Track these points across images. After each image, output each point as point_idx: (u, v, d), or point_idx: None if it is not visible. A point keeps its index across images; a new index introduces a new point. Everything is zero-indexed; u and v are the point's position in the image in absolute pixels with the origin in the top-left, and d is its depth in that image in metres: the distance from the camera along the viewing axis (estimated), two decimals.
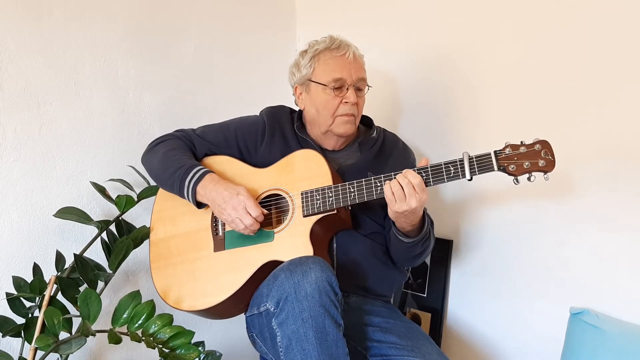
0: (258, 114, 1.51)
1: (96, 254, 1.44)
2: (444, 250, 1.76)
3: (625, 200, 1.40)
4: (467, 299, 1.75)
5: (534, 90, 1.54)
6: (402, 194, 1.19)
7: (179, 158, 1.37)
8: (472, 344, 1.74)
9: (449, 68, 1.73)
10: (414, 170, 1.21)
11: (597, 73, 1.43)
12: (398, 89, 1.87)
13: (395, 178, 1.21)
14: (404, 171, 1.22)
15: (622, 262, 1.42)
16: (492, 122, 1.64)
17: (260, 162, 1.42)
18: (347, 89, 1.38)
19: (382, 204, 1.41)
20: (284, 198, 1.35)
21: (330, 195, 1.28)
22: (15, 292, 1.31)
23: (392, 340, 1.27)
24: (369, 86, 1.44)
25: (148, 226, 1.47)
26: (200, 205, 1.35)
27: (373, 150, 1.45)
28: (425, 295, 1.80)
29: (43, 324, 1.25)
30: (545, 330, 1.57)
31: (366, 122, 1.54)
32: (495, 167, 1.18)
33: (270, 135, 1.44)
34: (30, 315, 1.31)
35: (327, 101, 1.38)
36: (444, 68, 1.74)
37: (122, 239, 1.43)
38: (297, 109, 1.53)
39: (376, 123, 1.54)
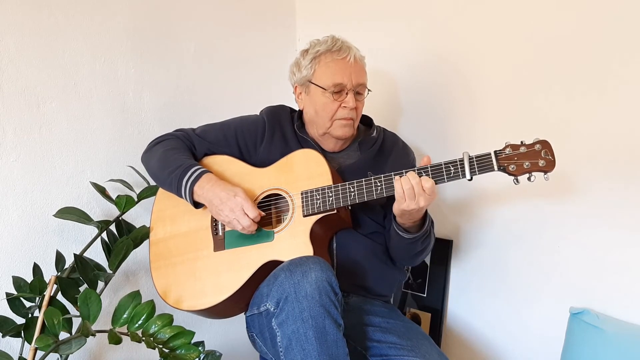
0: (258, 114, 1.51)
1: (96, 254, 1.44)
2: (444, 250, 1.76)
3: (625, 200, 1.40)
4: (467, 299, 1.75)
5: (534, 90, 1.54)
6: (412, 193, 1.19)
7: (177, 158, 1.37)
8: (472, 344, 1.74)
9: (449, 68, 1.73)
10: (414, 170, 1.21)
11: (596, 72, 1.43)
12: (398, 89, 1.87)
13: (406, 175, 1.20)
14: (415, 171, 1.21)
15: (622, 262, 1.42)
16: (492, 122, 1.64)
17: (260, 161, 1.42)
18: (347, 93, 1.37)
19: (382, 203, 1.41)
20: (283, 198, 1.35)
21: (330, 195, 1.28)
22: (15, 292, 1.31)
23: (392, 340, 1.27)
24: (369, 90, 1.43)
25: (148, 226, 1.47)
26: (197, 205, 1.35)
27: (373, 150, 1.45)
28: (425, 295, 1.80)
29: (43, 324, 1.25)
30: (545, 330, 1.57)
31: (366, 121, 1.54)
32: (496, 167, 1.18)
33: (270, 134, 1.44)
34: (30, 315, 1.31)
35: (325, 104, 1.38)
36: (444, 68, 1.74)
37: (122, 239, 1.43)
38: (297, 108, 1.52)
39: (376, 123, 1.54)
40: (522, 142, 1.18)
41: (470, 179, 1.18)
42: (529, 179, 1.17)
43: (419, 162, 1.26)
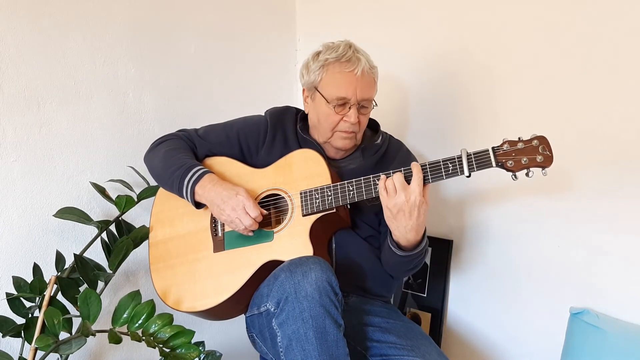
0: (263, 114, 1.50)
1: (96, 254, 1.44)
2: (444, 250, 1.76)
3: (625, 200, 1.40)
4: (467, 299, 1.75)
5: (535, 90, 1.54)
6: (392, 188, 1.21)
7: (179, 158, 1.37)
8: (472, 344, 1.74)
9: (449, 68, 1.73)
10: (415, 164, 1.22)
11: (598, 71, 1.43)
12: (398, 89, 1.87)
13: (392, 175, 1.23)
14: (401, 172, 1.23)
15: (622, 262, 1.42)
16: (492, 123, 1.64)
17: (261, 163, 1.42)
18: (350, 107, 1.34)
19: (376, 211, 1.40)
20: (283, 198, 1.35)
21: (330, 194, 1.28)
22: (15, 292, 1.31)
23: (391, 340, 1.27)
24: (375, 103, 1.40)
25: (148, 226, 1.47)
26: (198, 205, 1.35)
27: (376, 157, 1.43)
28: (425, 295, 1.80)
29: (43, 324, 1.25)
30: (545, 330, 1.57)
31: (372, 125, 1.51)
32: (493, 163, 1.18)
33: (271, 136, 1.43)
34: (30, 316, 1.31)
35: (328, 115, 1.36)
36: (444, 67, 1.74)
37: (122, 239, 1.43)
38: (303, 108, 1.50)
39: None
40: (519, 138, 1.19)
41: (469, 176, 1.19)
42: (527, 174, 1.17)
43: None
